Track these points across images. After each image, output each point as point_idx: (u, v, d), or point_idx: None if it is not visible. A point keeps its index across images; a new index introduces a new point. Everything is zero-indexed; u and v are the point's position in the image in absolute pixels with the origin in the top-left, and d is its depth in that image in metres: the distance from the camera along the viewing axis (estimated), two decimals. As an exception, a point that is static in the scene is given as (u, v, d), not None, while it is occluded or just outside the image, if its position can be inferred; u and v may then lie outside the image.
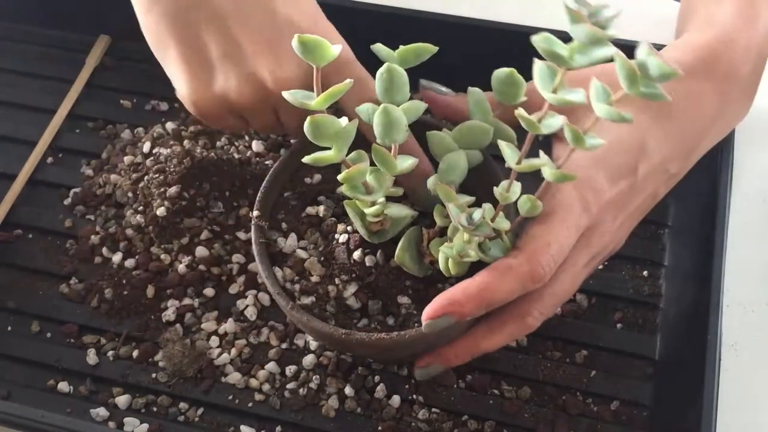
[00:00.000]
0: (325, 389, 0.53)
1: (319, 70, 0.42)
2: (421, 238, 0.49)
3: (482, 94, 0.48)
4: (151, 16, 0.52)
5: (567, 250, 0.45)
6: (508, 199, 0.44)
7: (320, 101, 0.42)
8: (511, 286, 0.44)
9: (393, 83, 0.44)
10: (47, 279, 0.59)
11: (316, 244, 0.51)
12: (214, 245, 0.58)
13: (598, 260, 0.49)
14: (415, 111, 0.45)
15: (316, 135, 0.43)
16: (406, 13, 0.63)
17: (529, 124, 0.41)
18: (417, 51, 0.44)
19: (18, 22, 0.70)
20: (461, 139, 0.48)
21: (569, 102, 0.40)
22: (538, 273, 0.44)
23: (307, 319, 0.47)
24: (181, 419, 0.53)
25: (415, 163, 0.45)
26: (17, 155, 0.64)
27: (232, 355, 0.54)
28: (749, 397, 0.53)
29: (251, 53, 0.51)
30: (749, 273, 0.57)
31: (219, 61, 0.51)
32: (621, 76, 0.38)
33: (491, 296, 0.44)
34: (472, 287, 0.44)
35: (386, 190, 0.46)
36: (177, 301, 0.57)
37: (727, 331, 0.53)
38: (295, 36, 0.41)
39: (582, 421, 0.52)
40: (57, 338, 0.56)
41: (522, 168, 0.43)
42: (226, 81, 0.51)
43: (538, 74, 0.40)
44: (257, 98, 0.51)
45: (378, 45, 0.44)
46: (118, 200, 0.61)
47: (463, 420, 0.52)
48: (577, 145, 0.41)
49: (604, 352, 0.54)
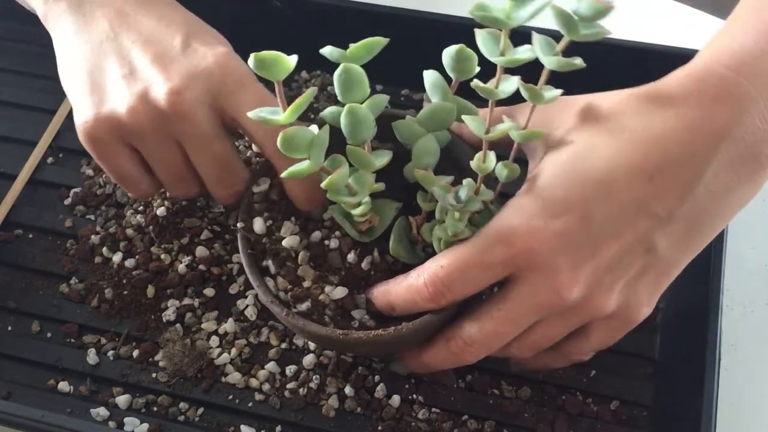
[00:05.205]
0: (325, 389, 0.53)
1: (280, 84, 0.41)
2: (409, 227, 0.49)
3: (438, 75, 0.47)
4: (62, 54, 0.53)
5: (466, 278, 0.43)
6: (486, 169, 0.44)
7: (288, 115, 0.41)
8: (403, 294, 0.45)
9: (352, 82, 0.43)
10: (47, 279, 0.59)
11: (307, 248, 0.50)
12: (214, 245, 0.58)
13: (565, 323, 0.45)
14: (378, 105, 0.45)
15: (290, 148, 0.42)
16: (380, 9, 0.63)
17: (487, 91, 0.42)
18: (368, 46, 0.43)
19: (18, 22, 0.69)
20: (427, 122, 0.48)
21: (518, 61, 0.40)
22: (423, 291, 0.44)
23: (303, 323, 0.46)
24: (181, 419, 0.53)
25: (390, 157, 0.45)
26: (17, 155, 0.64)
27: (232, 355, 0.54)
28: (749, 397, 0.53)
29: (140, 68, 0.50)
30: (749, 273, 0.57)
31: (112, 82, 0.50)
32: (559, 24, 0.40)
33: (390, 299, 0.46)
34: (380, 285, 0.47)
35: (369, 188, 0.46)
36: (177, 301, 0.57)
37: (727, 331, 0.53)
38: (252, 55, 0.39)
39: (582, 421, 0.52)
40: (57, 338, 0.56)
41: (491, 136, 0.44)
42: (116, 100, 0.49)
43: (482, 42, 0.41)
44: (152, 121, 0.48)
45: (327, 48, 0.43)
46: (118, 200, 0.61)
47: (463, 420, 0.52)
48: (535, 101, 0.43)
49: (604, 351, 0.54)
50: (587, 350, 0.48)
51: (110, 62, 0.50)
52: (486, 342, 0.45)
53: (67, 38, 0.53)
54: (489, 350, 0.45)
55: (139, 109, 0.48)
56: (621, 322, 0.46)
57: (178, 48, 0.50)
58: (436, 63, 0.46)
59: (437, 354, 0.47)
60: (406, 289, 0.45)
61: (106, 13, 0.52)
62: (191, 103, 0.48)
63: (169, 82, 0.48)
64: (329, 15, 0.64)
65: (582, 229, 0.41)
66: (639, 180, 0.42)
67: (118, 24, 0.51)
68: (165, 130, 0.49)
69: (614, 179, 0.42)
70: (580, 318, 0.45)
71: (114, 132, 0.49)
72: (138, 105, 0.48)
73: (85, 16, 0.52)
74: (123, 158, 0.51)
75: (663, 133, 0.42)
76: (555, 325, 0.45)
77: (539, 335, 0.45)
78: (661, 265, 0.44)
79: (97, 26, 0.52)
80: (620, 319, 0.45)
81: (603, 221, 0.42)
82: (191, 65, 0.49)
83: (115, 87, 0.50)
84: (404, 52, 0.53)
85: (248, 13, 0.66)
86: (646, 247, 0.43)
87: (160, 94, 0.48)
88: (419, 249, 0.49)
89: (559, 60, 0.41)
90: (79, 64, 0.52)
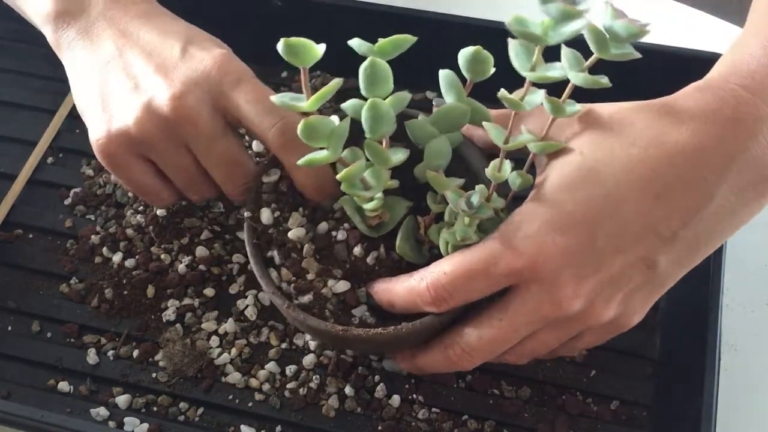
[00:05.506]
0: (325, 389, 0.53)
1: (306, 71, 0.41)
2: (417, 227, 0.49)
3: (453, 75, 0.47)
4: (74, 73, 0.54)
5: (468, 286, 0.43)
6: (500, 178, 0.45)
7: (312, 103, 0.42)
8: (405, 295, 0.45)
9: (377, 77, 0.43)
10: (47, 279, 0.59)
11: (313, 240, 0.50)
12: (214, 245, 0.58)
13: (563, 332, 0.45)
14: (400, 102, 0.45)
15: (311, 137, 0.43)
16: (383, 9, 0.63)
17: (513, 103, 0.42)
18: (396, 42, 0.43)
19: (18, 22, 0.69)
20: (440, 123, 0.48)
21: (548, 78, 0.41)
22: (425, 295, 0.44)
23: (303, 317, 0.47)
24: (181, 419, 0.53)
25: (407, 155, 0.46)
26: (17, 155, 0.64)
27: (232, 355, 0.54)
28: (749, 397, 0.53)
29: (143, 80, 0.51)
30: (749, 273, 0.57)
31: (120, 98, 0.51)
32: (591, 41, 0.40)
33: (392, 297, 0.46)
34: (383, 282, 0.47)
35: (384, 184, 0.46)
36: (177, 300, 0.57)
37: (727, 331, 0.53)
38: (282, 40, 0.40)
39: (582, 421, 0.52)
40: (57, 338, 0.56)
41: (510, 146, 0.44)
42: (124, 114, 0.50)
43: (515, 53, 0.41)
44: (159, 129, 0.50)
45: (356, 40, 0.43)
46: (118, 200, 0.61)
47: (463, 420, 0.52)
48: (557, 114, 0.43)
49: (604, 351, 0.54)
50: (576, 350, 0.50)
51: (117, 79, 0.52)
52: (484, 350, 0.45)
53: (78, 63, 0.54)
54: (486, 358, 0.46)
55: (145, 119, 0.50)
56: (613, 328, 0.46)
57: (177, 56, 0.51)
58: (440, 64, 0.46)
59: (434, 359, 0.47)
60: (407, 291, 0.45)
61: (111, 35, 0.53)
62: (193, 106, 0.49)
63: (170, 89, 0.50)
64: (329, 15, 0.64)
65: (588, 244, 0.42)
66: (647, 198, 0.42)
67: (122, 43, 0.53)
68: (173, 136, 0.50)
69: (622, 197, 0.42)
70: (577, 327, 0.45)
71: (126, 146, 0.51)
72: (144, 115, 0.50)
73: (93, 41, 0.54)
74: (139, 171, 0.52)
75: (675, 151, 0.42)
76: (553, 334, 0.45)
77: (537, 343, 0.46)
78: (658, 279, 0.44)
79: (104, 48, 0.53)
80: (613, 326, 0.46)
81: (609, 238, 0.42)
82: (190, 70, 0.50)
83: (122, 102, 0.51)
84: (408, 52, 0.53)
85: (248, 13, 0.66)
86: (648, 264, 0.43)
87: (162, 101, 0.50)
88: (425, 249, 0.49)
89: (586, 77, 0.40)
90: (89, 86, 0.53)
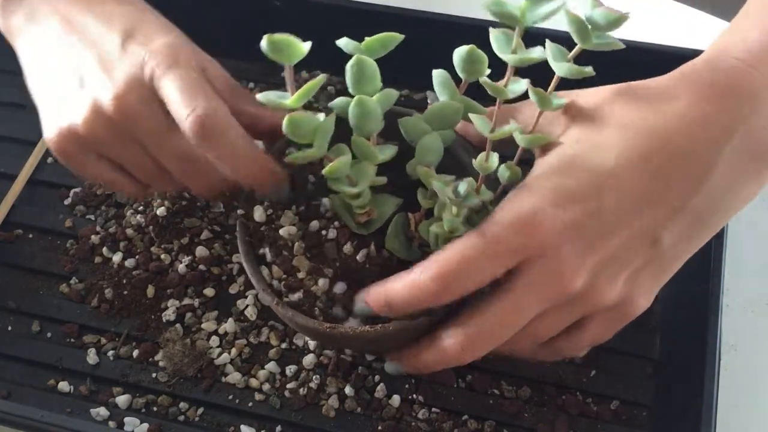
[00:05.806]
0: (325, 389, 0.53)
1: (291, 68, 0.41)
2: (407, 224, 0.49)
3: (446, 74, 0.46)
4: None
5: (475, 268, 0.42)
6: (488, 169, 0.45)
7: (296, 99, 0.41)
8: (405, 291, 0.44)
9: (363, 74, 0.43)
10: (47, 279, 0.59)
11: (303, 238, 0.50)
12: (214, 245, 0.58)
13: (567, 314, 0.45)
14: (388, 100, 0.45)
15: (296, 133, 0.43)
16: (383, 9, 0.63)
17: (496, 89, 0.42)
18: (383, 40, 0.43)
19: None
20: (433, 120, 0.48)
21: (529, 60, 0.41)
22: (429, 286, 0.43)
23: (291, 314, 0.47)
24: (181, 419, 0.53)
25: (395, 152, 0.45)
26: (17, 155, 0.64)
27: (232, 355, 0.54)
28: (749, 397, 0.53)
29: (88, 77, 0.50)
30: (749, 273, 0.57)
31: (67, 94, 0.50)
32: (572, 31, 0.40)
33: (389, 296, 0.44)
34: (376, 285, 0.45)
35: (370, 180, 0.46)
36: (177, 300, 0.57)
37: (727, 331, 0.53)
38: (265, 36, 0.39)
39: (582, 421, 0.52)
40: (57, 338, 0.56)
41: (496, 136, 0.44)
42: (72, 114, 0.50)
43: (495, 41, 0.42)
44: (107, 129, 0.49)
45: (344, 39, 0.43)
46: (118, 200, 0.61)
47: (463, 420, 0.52)
48: (543, 107, 0.43)
49: (604, 351, 0.54)
50: (582, 344, 0.48)
51: (62, 71, 0.51)
52: (490, 336, 0.44)
53: (27, 50, 0.53)
54: (492, 345, 0.45)
55: (92, 119, 0.49)
56: (619, 315, 0.46)
57: (117, 50, 0.50)
58: (436, 63, 0.46)
59: (434, 354, 0.46)
60: (408, 286, 0.44)
61: (56, 22, 0.52)
62: (135, 104, 0.48)
63: (112, 88, 0.49)
64: (329, 15, 0.64)
65: (592, 219, 0.42)
66: (648, 172, 0.42)
67: (64, 30, 0.52)
68: (122, 134, 0.50)
69: (625, 171, 0.42)
70: (582, 309, 0.44)
71: (78, 144, 0.50)
72: (90, 116, 0.49)
73: (40, 26, 0.53)
74: (96, 166, 0.52)
75: (672, 124, 0.42)
76: (556, 316, 0.45)
77: (540, 327, 0.45)
78: (663, 258, 0.44)
79: (49, 34, 0.52)
80: (618, 311, 0.45)
81: (612, 212, 0.42)
82: (129, 65, 0.49)
83: (69, 99, 0.50)
84: (404, 52, 0.53)
85: (248, 13, 0.66)
86: (652, 240, 0.43)
87: (106, 101, 0.49)
88: (415, 246, 0.49)
89: (570, 67, 0.41)
90: (38, 78, 0.52)
